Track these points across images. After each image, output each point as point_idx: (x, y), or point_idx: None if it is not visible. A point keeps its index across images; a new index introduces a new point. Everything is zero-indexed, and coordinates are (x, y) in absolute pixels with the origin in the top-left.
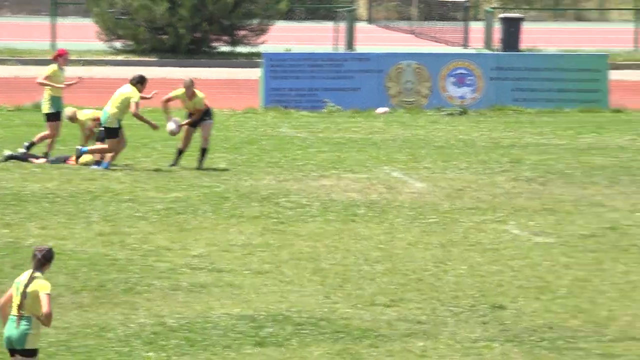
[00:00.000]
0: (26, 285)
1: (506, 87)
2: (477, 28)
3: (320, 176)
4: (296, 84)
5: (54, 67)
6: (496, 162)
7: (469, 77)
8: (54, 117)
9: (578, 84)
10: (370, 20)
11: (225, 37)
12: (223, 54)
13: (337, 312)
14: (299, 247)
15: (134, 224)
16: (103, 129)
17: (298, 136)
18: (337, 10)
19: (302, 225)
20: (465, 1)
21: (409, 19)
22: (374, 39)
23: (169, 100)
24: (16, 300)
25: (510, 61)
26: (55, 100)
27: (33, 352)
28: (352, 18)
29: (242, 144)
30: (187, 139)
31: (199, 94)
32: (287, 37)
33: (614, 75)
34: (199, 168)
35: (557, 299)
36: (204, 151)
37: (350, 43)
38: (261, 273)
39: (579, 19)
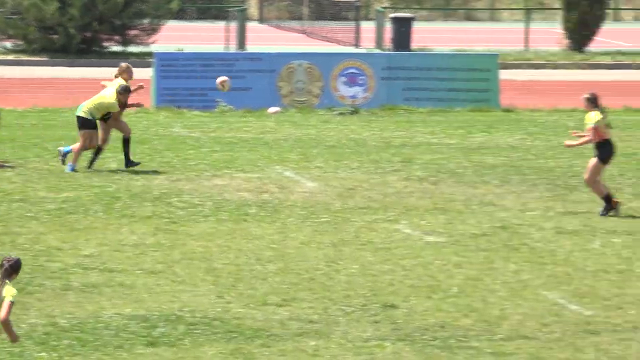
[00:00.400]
0: None
1: (397, 87)
2: (368, 28)
3: (213, 176)
4: (188, 84)
5: None
6: (388, 161)
7: (360, 77)
8: None
9: (469, 83)
10: (261, 19)
11: (117, 37)
12: (114, 53)
13: (230, 311)
14: (192, 246)
15: (25, 224)
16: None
17: (190, 136)
18: (229, 10)
19: (194, 225)
20: (356, 1)
21: (300, 18)
22: (266, 39)
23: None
24: None
25: (401, 61)
26: None
27: None
28: (243, 18)
29: (134, 144)
30: (107, 137)
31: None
32: (178, 36)
33: (504, 74)
34: (89, 168)
35: (448, 298)
36: (98, 151)
37: (241, 43)
38: (153, 273)
39: (469, 18)
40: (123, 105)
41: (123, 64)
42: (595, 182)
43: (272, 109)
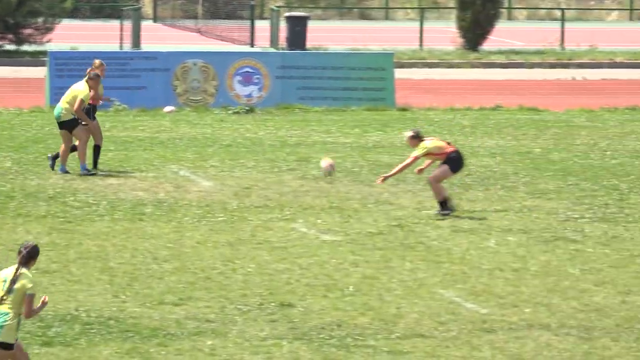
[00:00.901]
0: (12, 281)
1: (292, 86)
2: (263, 27)
3: (108, 175)
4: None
5: None
6: (283, 160)
7: (255, 76)
8: None
9: (364, 82)
10: (155, 18)
11: (10, 36)
12: (8, 52)
13: (126, 311)
14: (87, 246)
15: None
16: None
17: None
18: (123, 8)
19: (89, 224)
20: None
21: (194, 17)
22: (160, 38)
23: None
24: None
25: (296, 60)
26: None
27: (9, 346)
28: (137, 16)
29: (29, 143)
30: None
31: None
32: (73, 35)
33: (400, 74)
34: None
35: (345, 297)
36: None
37: (136, 42)
38: (49, 272)
39: (364, 17)
40: (95, 94)
41: (97, 61)
42: (439, 185)
43: (167, 108)
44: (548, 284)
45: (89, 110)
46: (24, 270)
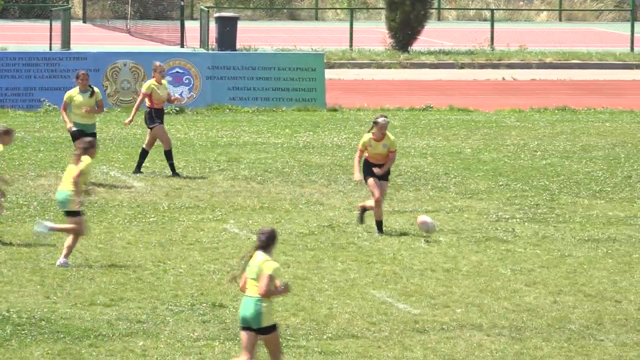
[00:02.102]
0: (255, 266)
1: (223, 86)
2: (193, 27)
3: (38, 176)
4: (12, 83)
5: None
6: (214, 161)
7: (185, 76)
8: None
9: (294, 83)
10: (85, 19)
11: None
12: None
13: (57, 312)
14: (17, 247)
15: None
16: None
17: (15, 136)
18: (52, 9)
19: (20, 225)
20: (180, 0)
21: (124, 17)
22: (90, 38)
23: (145, 95)
24: (250, 282)
25: (226, 60)
26: None
27: (271, 329)
28: (67, 17)
29: None
30: (168, 140)
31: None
32: (2, 36)
33: (330, 74)
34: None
35: (276, 297)
36: (169, 153)
37: (65, 42)
38: None
39: (294, 18)
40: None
41: (156, 62)
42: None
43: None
44: (479, 285)
45: (151, 113)
46: (263, 253)
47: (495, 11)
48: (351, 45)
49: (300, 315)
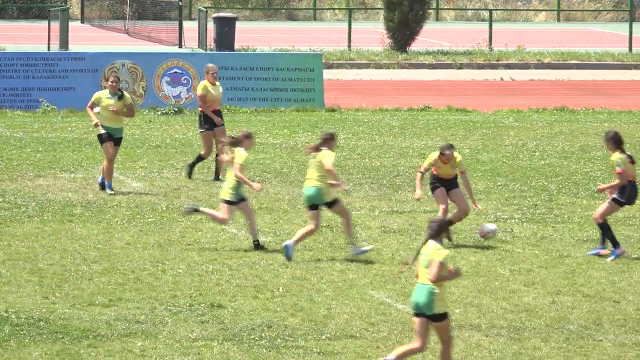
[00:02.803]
0: (426, 254)
1: (221, 87)
2: (191, 27)
3: (36, 176)
4: (10, 84)
5: None
6: (212, 161)
7: (183, 77)
8: None
9: (293, 83)
10: (83, 19)
11: None
12: None
13: (56, 312)
14: (16, 247)
15: None
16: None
17: (13, 136)
18: (50, 9)
19: (18, 225)
20: (178, 0)
21: (122, 18)
22: (88, 38)
23: (202, 96)
24: (422, 270)
25: (224, 61)
26: None
27: (443, 316)
28: (65, 17)
29: None
30: (210, 145)
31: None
32: (0, 36)
33: (328, 74)
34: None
35: (275, 298)
36: (200, 159)
37: (64, 42)
38: None
39: (292, 18)
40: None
41: (210, 65)
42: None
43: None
44: (478, 285)
45: (201, 117)
46: (434, 242)
47: (493, 11)
48: (349, 46)
49: (298, 316)
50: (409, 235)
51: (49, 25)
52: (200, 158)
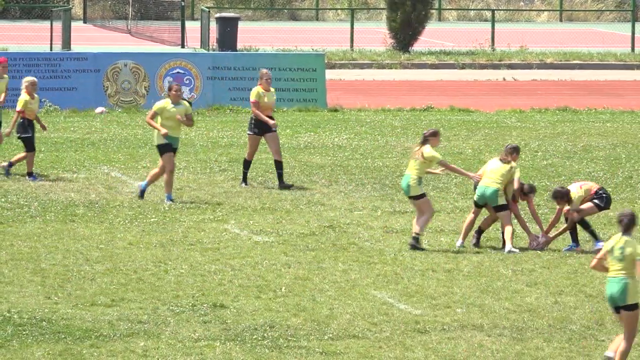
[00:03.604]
0: (622, 248)
1: (223, 87)
2: (194, 28)
3: (39, 176)
4: (13, 84)
5: None
6: (215, 161)
7: (186, 77)
8: None
9: (295, 83)
10: (85, 19)
11: None
12: None
13: (58, 312)
14: (18, 247)
15: None
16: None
17: (16, 136)
18: (53, 9)
19: (20, 225)
20: (180, 0)
21: (125, 18)
22: (91, 39)
23: (255, 102)
24: (614, 263)
25: (226, 61)
26: None
27: (635, 306)
28: (67, 17)
29: None
30: (254, 149)
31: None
32: (2, 36)
33: (330, 74)
34: (284, 186)
35: (277, 298)
36: (280, 165)
37: (66, 42)
38: None
39: (294, 18)
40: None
41: (263, 70)
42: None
43: (98, 109)
44: (480, 285)
45: (251, 120)
46: (628, 237)
47: (496, 11)
48: (352, 46)
49: (301, 316)
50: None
51: (51, 26)
52: (246, 162)
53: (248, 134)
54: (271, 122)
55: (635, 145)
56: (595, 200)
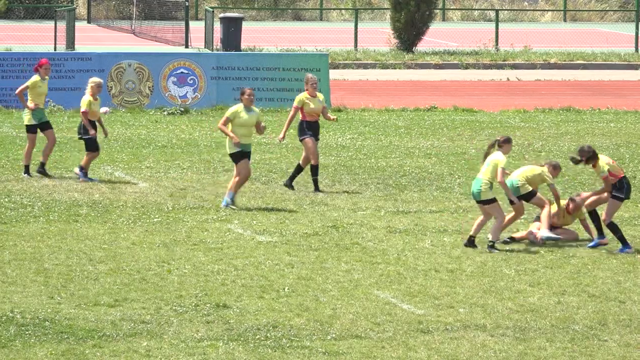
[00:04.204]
0: None
1: (227, 87)
2: (198, 28)
3: (42, 176)
4: (17, 84)
5: (36, 78)
6: (219, 161)
7: (190, 77)
8: (33, 129)
9: (299, 83)
10: (89, 19)
11: None
12: None
13: (61, 312)
14: (22, 247)
15: None
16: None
17: (20, 136)
18: (57, 9)
19: (24, 225)
20: (185, 1)
21: (129, 18)
22: (95, 39)
23: (297, 109)
24: None
25: (230, 61)
26: (37, 112)
27: None
28: (71, 17)
29: None
30: (315, 153)
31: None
32: (6, 36)
33: (334, 74)
34: (318, 190)
35: (280, 298)
36: (315, 169)
37: (70, 42)
38: None
39: (298, 18)
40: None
41: (308, 75)
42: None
43: (102, 109)
44: (483, 285)
45: (302, 125)
46: None
47: (499, 12)
48: (356, 46)
49: (304, 316)
50: (415, 235)
51: (55, 26)
52: (313, 167)
53: (301, 139)
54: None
55: (639, 145)
56: (615, 193)
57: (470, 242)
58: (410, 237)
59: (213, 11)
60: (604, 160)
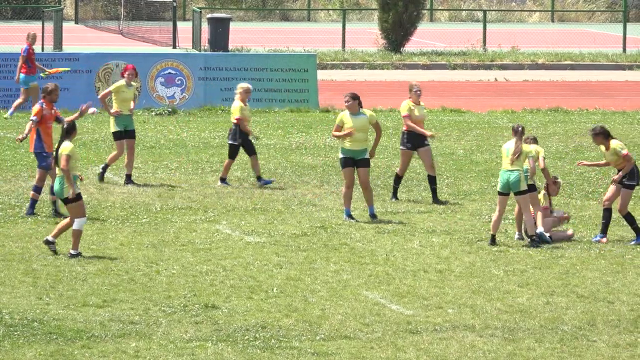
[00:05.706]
0: None
1: (215, 87)
2: (186, 28)
3: (30, 177)
4: (4, 84)
5: (121, 82)
6: (207, 162)
7: (178, 77)
8: (119, 135)
9: (287, 84)
10: (77, 19)
11: None
12: None
13: (50, 313)
14: (10, 248)
15: None
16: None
17: (7, 136)
18: (44, 10)
19: (12, 226)
20: (172, 1)
21: (116, 18)
22: (82, 39)
23: (407, 116)
24: None
25: (218, 61)
26: (121, 119)
27: None
28: (59, 18)
29: None
30: (406, 165)
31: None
32: None
33: (322, 75)
34: (436, 201)
35: (269, 298)
36: (433, 180)
37: (58, 43)
38: None
39: (286, 19)
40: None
41: (412, 82)
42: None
43: (90, 110)
44: (472, 285)
45: (404, 135)
46: None
47: (487, 12)
48: (344, 46)
49: (293, 316)
50: (403, 236)
51: (42, 26)
52: (397, 177)
53: (400, 149)
54: (428, 133)
55: (628, 146)
56: (627, 182)
57: (493, 241)
58: (399, 237)
59: (200, 12)
60: (618, 143)
